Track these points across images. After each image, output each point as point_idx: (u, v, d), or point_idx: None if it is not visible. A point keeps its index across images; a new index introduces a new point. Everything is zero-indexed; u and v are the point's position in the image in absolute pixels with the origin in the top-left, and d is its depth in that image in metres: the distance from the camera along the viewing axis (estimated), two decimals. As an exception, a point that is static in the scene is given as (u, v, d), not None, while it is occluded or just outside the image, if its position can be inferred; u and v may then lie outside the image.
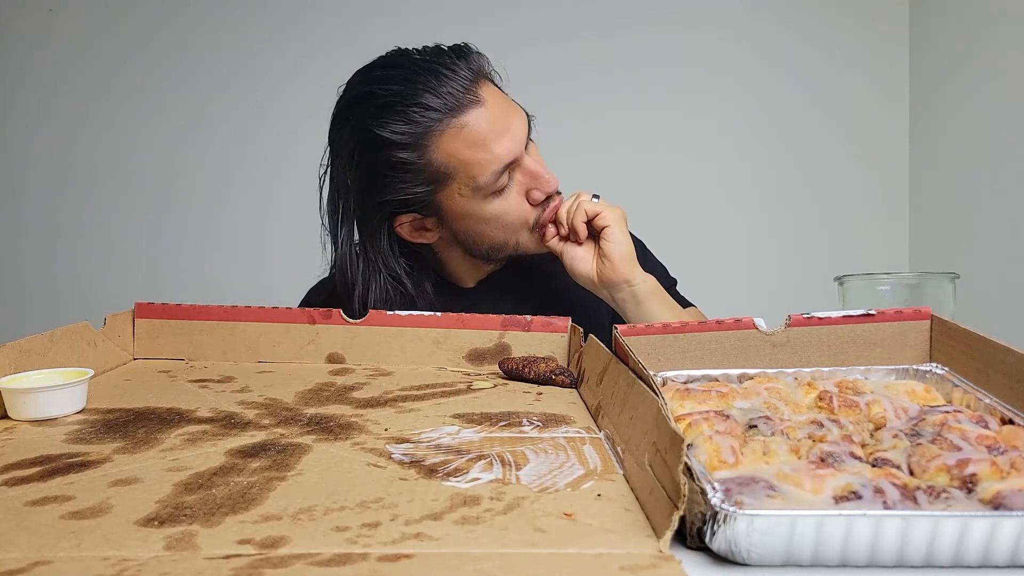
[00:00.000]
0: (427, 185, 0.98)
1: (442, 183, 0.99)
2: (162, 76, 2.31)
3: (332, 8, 2.28)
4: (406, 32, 2.34)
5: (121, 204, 2.33)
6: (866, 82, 2.25)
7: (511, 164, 0.99)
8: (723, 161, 2.29)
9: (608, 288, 1.04)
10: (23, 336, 0.77)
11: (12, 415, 0.69)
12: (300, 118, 2.29)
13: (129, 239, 2.33)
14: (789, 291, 2.20)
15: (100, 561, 0.41)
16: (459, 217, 1.02)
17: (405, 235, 1.05)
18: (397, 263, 1.04)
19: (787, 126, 2.28)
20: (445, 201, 1.01)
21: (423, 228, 1.05)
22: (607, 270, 1.03)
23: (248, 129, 2.31)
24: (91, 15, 2.29)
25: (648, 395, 0.56)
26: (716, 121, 2.28)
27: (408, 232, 1.04)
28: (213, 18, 2.30)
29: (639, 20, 2.25)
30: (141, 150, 2.32)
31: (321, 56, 2.29)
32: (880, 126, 2.26)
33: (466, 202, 1.00)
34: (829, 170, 2.28)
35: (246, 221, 2.32)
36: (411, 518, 0.46)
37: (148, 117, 2.31)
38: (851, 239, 2.27)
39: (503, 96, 1.02)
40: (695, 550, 0.45)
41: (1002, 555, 0.42)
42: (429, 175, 0.98)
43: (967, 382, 0.66)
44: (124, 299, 1.02)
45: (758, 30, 2.26)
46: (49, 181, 2.33)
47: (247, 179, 2.32)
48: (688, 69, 2.27)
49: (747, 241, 2.27)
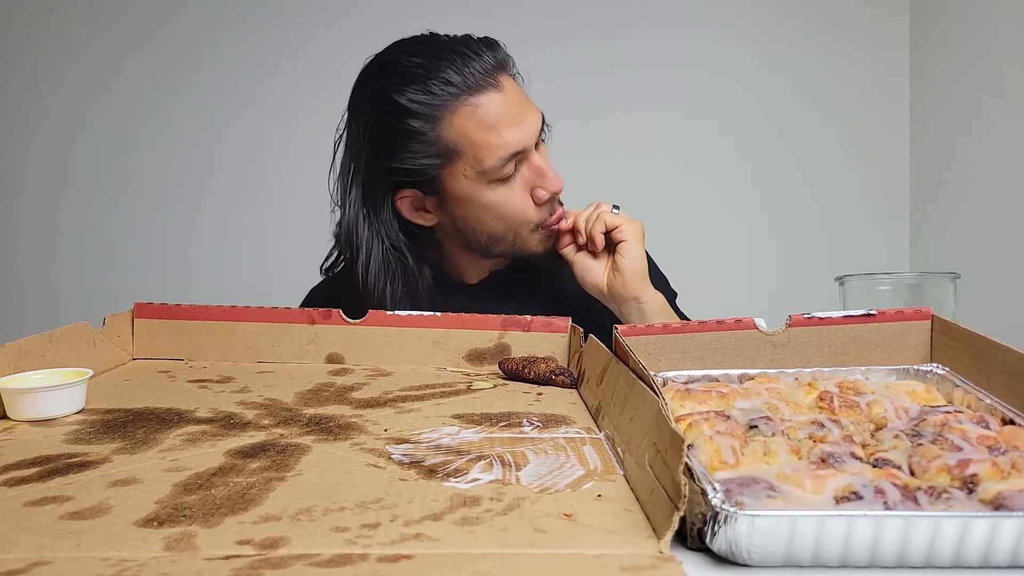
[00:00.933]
0: (435, 159, 1.00)
1: (449, 160, 1.00)
2: (162, 76, 2.31)
3: (332, 9, 2.28)
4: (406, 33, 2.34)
5: (120, 204, 2.33)
6: (866, 82, 2.25)
7: (519, 155, 1.01)
8: (723, 161, 2.29)
9: (616, 302, 1.05)
10: (23, 336, 0.77)
11: (11, 415, 0.69)
12: (300, 118, 2.29)
13: (128, 239, 2.33)
14: (789, 291, 2.19)
15: (99, 562, 0.41)
16: (460, 200, 1.03)
17: (405, 212, 1.05)
18: (398, 236, 1.05)
19: (787, 126, 2.28)
20: (448, 180, 1.01)
21: (423, 208, 1.06)
22: (618, 285, 1.04)
23: (248, 129, 2.31)
24: (91, 15, 2.29)
25: (648, 395, 0.56)
26: (716, 121, 2.28)
27: (408, 209, 1.05)
28: (213, 18, 2.30)
29: (639, 20, 2.24)
30: (141, 150, 2.32)
31: (321, 57, 2.29)
32: (880, 126, 2.26)
33: (469, 185, 1.01)
34: (829, 170, 2.28)
35: (246, 221, 2.32)
36: (411, 519, 0.46)
37: (148, 117, 2.31)
38: (851, 239, 2.26)
39: (522, 91, 1.04)
40: (696, 551, 0.44)
41: (1003, 555, 0.42)
42: (438, 149, 0.99)
43: (968, 382, 0.66)
44: (123, 299, 1.02)
45: (758, 30, 2.26)
46: (48, 181, 2.33)
47: (246, 179, 2.31)
48: (688, 69, 2.26)
49: (747, 241, 2.27)
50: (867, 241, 2.26)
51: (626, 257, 1.03)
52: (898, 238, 2.26)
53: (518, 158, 1.01)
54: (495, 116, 0.98)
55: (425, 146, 0.99)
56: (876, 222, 2.27)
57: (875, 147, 2.27)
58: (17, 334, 0.77)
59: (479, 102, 0.98)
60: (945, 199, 2.11)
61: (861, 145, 2.27)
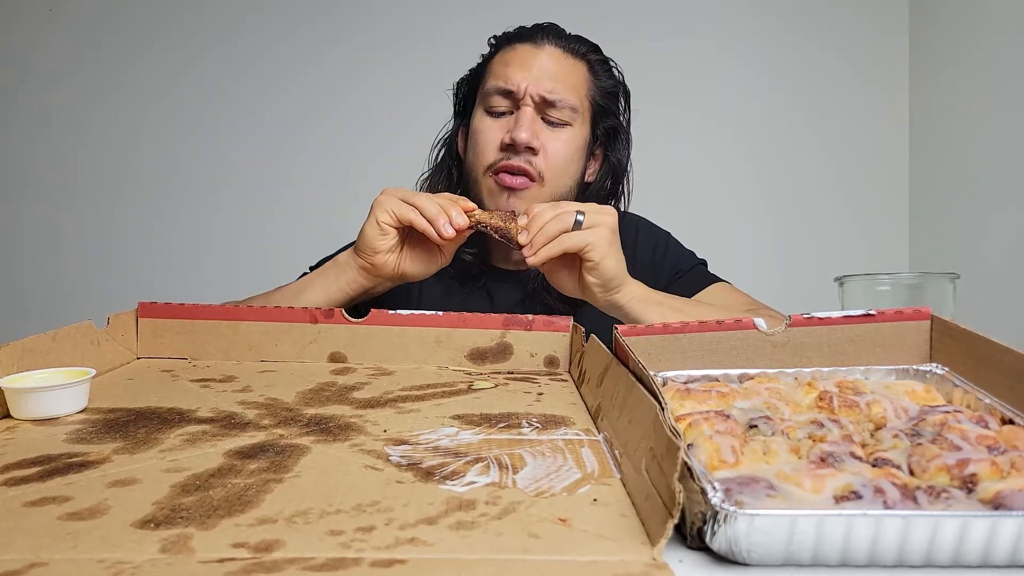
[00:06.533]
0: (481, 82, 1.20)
1: (483, 83, 1.20)
2: (164, 75, 2.31)
3: (336, 10, 2.28)
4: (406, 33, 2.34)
5: (124, 204, 2.33)
6: (866, 82, 2.25)
7: (512, 95, 1.14)
8: (723, 161, 2.29)
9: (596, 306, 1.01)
10: (26, 335, 0.77)
11: (14, 414, 0.69)
12: (307, 118, 2.30)
13: (132, 239, 2.34)
14: (789, 291, 2.19)
15: (96, 563, 0.41)
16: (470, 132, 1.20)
17: (460, 145, 1.25)
18: None
19: (787, 126, 2.28)
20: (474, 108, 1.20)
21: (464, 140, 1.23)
22: (590, 296, 0.99)
23: (252, 128, 2.31)
24: (91, 15, 2.29)
25: (646, 399, 0.55)
26: (716, 121, 2.28)
27: (460, 142, 1.25)
28: (213, 18, 2.30)
29: (641, 23, 2.25)
30: (143, 149, 2.32)
31: (325, 57, 2.29)
32: (880, 126, 2.26)
33: (476, 110, 1.19)
34: (829, 170, 2.28)
35: (250, 221, 2.32)
36: (406, 522, 0.46)
37: (150, 116, 2.32)
38: (851, 239, 2.26)
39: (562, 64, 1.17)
40: (695, 550, 0.44)
41: (1002, 555, 0.42)
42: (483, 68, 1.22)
43: (967, 382, 0.66)
44: (128, 298, 1.02)
45: (759, 31, 2.26)
46: (51, 181, 2.34)
47: (250, 178, 2.32)
48: (689, 69, 2.27)
49: (747, 241, 2.27)
50: (866, 241, 2.26)
51: (592, 275, 0.96)
52: (897, 238, 2.26)
53: (513, 100, 1.14)
54: (515, 57, 1.17)
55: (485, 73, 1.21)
56: (875, 222, 2.26)
57: (874, 147, 2.27)
58: (21, 333, 0.77)
59: (515, 46, 1.18)
60: (944, 199, 2.11)
61: (861, 145, 2.27)
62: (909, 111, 2.25)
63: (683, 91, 2.27)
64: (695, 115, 2.28)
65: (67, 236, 2.34)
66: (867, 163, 2.27)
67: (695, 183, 2.28)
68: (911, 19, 2.23)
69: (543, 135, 1.14)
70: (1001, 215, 1.86)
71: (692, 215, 2.23)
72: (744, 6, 2.27)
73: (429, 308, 0.97)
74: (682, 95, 2.26)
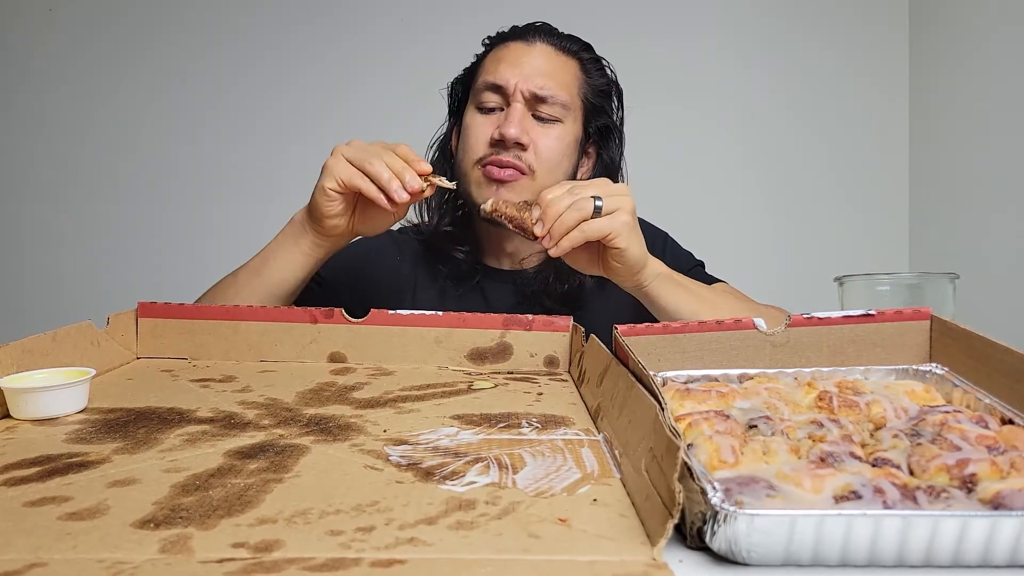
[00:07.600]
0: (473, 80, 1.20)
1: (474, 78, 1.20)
2: (164, 74, 2.31)
3: (335, 10, 2.28)
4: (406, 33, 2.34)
5: (123, 203, 2.33)
6: (866, 82, 2.25)
7: (503, 91, 1.14)
8: (723, 161, 2.29)
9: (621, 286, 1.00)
10: (26, 335, 0.77)
11: (14, 414, 0.69)
12: (306, 117, 2.30)
13: (132, 238, 2.33)
14: (789, 291, 2.19)
15: (95, 563, 0.41)
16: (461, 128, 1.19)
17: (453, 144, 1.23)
18: None
19: (787, 126, 2.28)
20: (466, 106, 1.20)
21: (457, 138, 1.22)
22: (615, 278, 0.98)
23: (252, 128, 2.31)
24: (91, 15, 2.29)
25: (646, 399, 0.55)
26: (716, 121, 2.28)
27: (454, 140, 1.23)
28: (212, 18, 2.30)
29: (641, 24, 2.25)
30: (142, 149, 2.32)
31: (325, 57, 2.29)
32: (880, 126, 2.26)
33: (468, 107, 1.19)
34: (829, 170, 2.28)
35: (249, 220, 2.32)
36: (406, 522, 0.46)
37: (149, 116, 2.32)
38: (851, 239, 2.26)
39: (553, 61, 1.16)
40: (695, 550, 0.44)
41: (1002, 555, 0.42)
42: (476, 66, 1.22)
43: (967, 382, 0.66)
44: (127, 298, 1.02)
45: (759, 31, 2.26)
46: (51, 180, 2.34)
47: (250, 178, 2.32)
48: (689, 69, 2.27)
49: (747, 241, 2.27)
50: (866, 241, 2.26)
51: (619, 261, 0.94)
52: (897, 238, 2.26)
53: (502, 96, 1.14)
54: (506, 54, 1.17)
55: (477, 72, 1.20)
56: (875, 222, 2.27)
57: (874, 147, 2.27)
58: (21, 333, 0.77)
59: (507, 44, 1.19)
60: (944, 199, 2.11)
61: (861, 145, 2.27)
62: (909, 111, 2.25)
63: (683, 91, 2.27)
64: (695, 115, 2.28)
65: (67, 236, 2.34)
66: (867, 163, 2.27)
67: (695, 183, 2.28)
68: (911, 19, 2.23)
69: (533, 131, 1.13)
70: (1001, 215, 1.86)
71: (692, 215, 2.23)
72: (744, 6, 2.27)
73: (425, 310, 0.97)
74: (682, 95, 2.26)
